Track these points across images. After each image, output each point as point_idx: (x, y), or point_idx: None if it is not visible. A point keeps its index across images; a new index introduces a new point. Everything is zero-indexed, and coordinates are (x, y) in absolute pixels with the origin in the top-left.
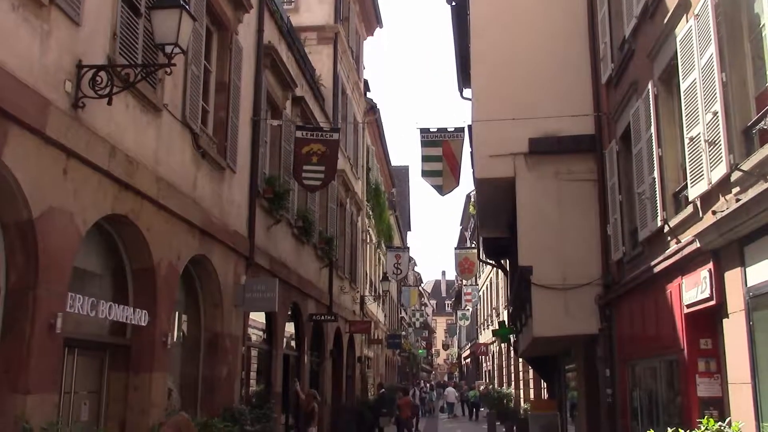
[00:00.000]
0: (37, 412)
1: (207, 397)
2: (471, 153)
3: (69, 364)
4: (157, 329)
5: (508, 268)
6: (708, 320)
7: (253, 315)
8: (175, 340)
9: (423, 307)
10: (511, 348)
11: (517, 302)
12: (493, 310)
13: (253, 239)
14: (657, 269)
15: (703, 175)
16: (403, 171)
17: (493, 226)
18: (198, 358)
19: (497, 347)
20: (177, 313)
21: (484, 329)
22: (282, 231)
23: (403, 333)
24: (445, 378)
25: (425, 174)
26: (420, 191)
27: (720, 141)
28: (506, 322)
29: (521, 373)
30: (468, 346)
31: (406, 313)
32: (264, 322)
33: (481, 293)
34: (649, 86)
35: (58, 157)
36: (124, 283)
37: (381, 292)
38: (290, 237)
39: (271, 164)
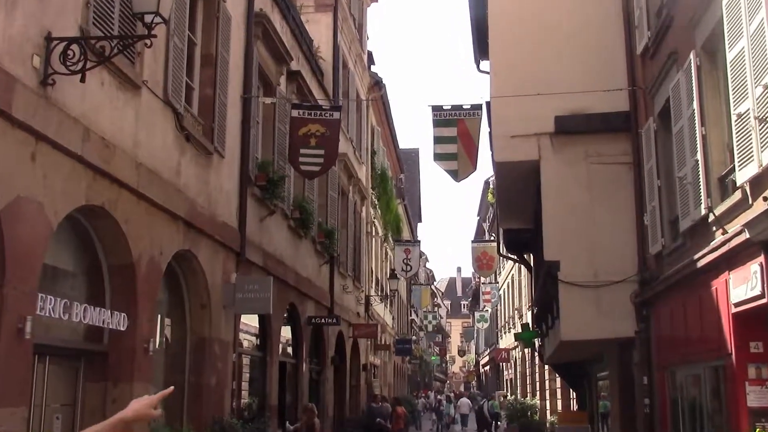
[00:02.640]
0: (4, 428)
1: (194, 408)
2: (490, 133)
3: (39, 373)
4: (138, 334)
5: (532, 264)
6: (759, 321)
7: (244, 318)
8: (157, 346)
9: (436, 309)
10: (536, 354)
11: (542, 302)
12: (516, 311)
13: (245, 232)
14: (700, 263)
15: (752, 156)
16: (413, 155)
17: (514, 216)
18: (184, 365)
19: (520, 353)
20: (159, 315)
21: (505, 333)
22: (277, 223)
23: (414, 338)
24: (461, 388)
25: (438, 157)
26: (432, 177)
27: None
28: (530, 325)
29: (547, 382)
30: (487, 352)
31: (417, 316)
32: (257, 325)
33: (501, 292)
34: (691, 56)
35: (26, 140)
36: (100, 283)
37: (388, 292)
38: (286, 230)
39: (264, 148)
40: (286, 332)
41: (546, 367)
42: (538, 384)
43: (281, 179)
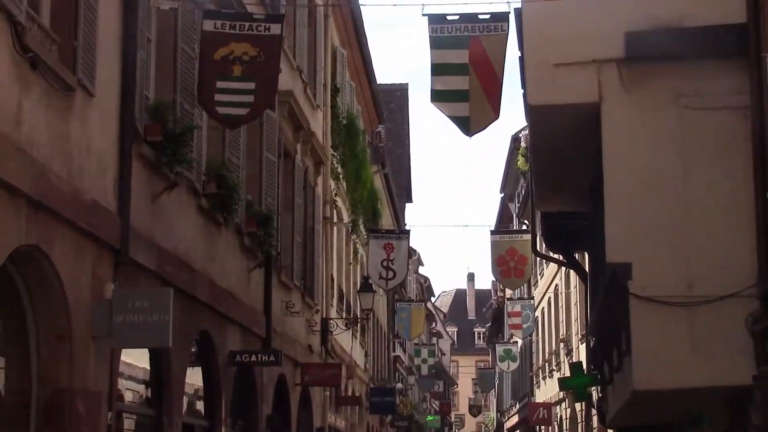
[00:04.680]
0: None
1: None
2: (521, 60)
3: None
4: None
5: (586, 268)
6: None
7: (127, 355)
8: None
9: (435, 340)
10: (594, 411)
11: (603, 329)
12: (561, 344)
13: (128, 218)
14: None
15: None
16: (399, 94)
17: (559, 194)
18: (26, 430)
19: (568, 410)
20: None
21: (544, 378)
22: (180, 203)
23: (400, 385)
24: None
25: (439, 97)
26: (429, 130)
27: None
28: (584, 366)
29: None
30: (516, 409)
31: (405, 351)
32: (147, 367)
33: (538, 314)
34: None
35: None
36: None
37: (359, 313)
38: (195, 213)
39: (159, 81)
40: (194, 377)
41: None
42: None
43: (187, 132)
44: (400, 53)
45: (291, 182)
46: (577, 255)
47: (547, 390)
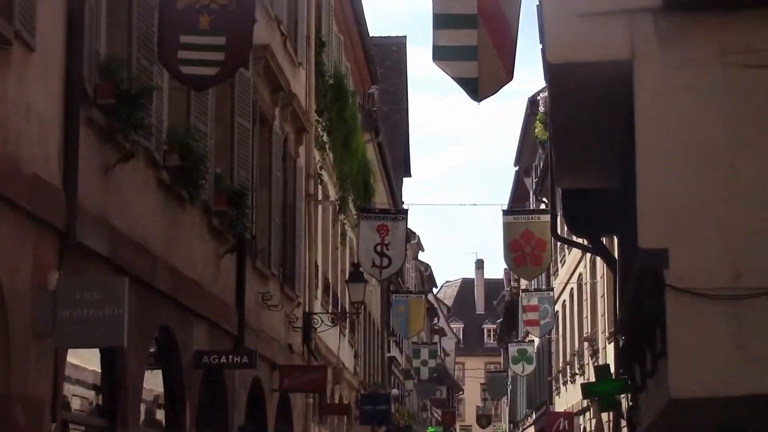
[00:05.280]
0: None
1: None
2: (539, 9)
3: None
4: None
5: (615, 254)
6: None
7: (74, 356)
8: None
9: (437, 338)
10: (622, 421)
11: (634, 325)
12: (585, 344)
13: (75, 194)
14: None
15: None
16: (395, 49)
17: (583, 166)
18: None
19: (593, 421)
20: None
21: (565, 384)
22: (137, 176)
23: (396, 391)
24: None
25: (443, 55)
26: (430, 92)
27: None
28: (611, 369)
29: None
30: (532, 419)
31: (402, 351)
32: (98, 370)
33: (558, 308)
34: None
35: None
36: None
37: (348, 306)
38: (154, 189)
39: (112, 34)
40: (154, 381)
41: None
42: None
43: (144, 94)
44: (397, 1)
45: (268, 153)
46: (604, 239)
47: (568, 397)
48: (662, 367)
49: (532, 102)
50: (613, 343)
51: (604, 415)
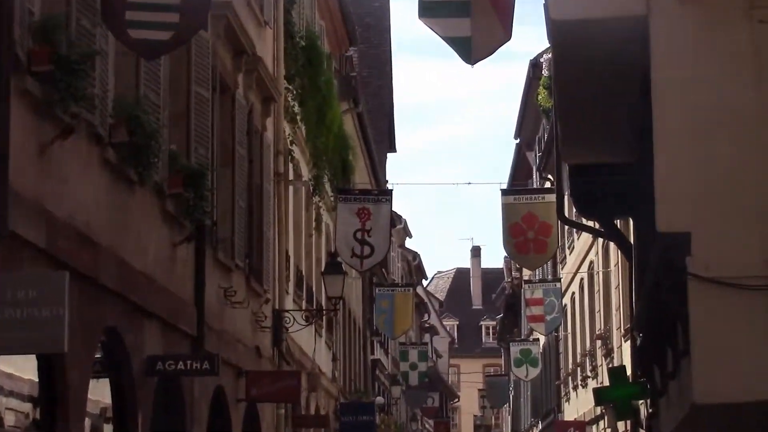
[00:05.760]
0: None
1: None
2: None
3: None
4: None
5: (632, 239)
6: None
7: (7, 363)
8: None
9: (428, 337)
10: (641, 430)
11: (653, 321)
12: (599, 344)
13: (6, 175)
14: None
15: None
16: (377, 5)
17: (593, 138)
18: None
19: (608, 430)
20: None
21: (575, 388)
22: (78, 154)
23: (381, 400)
24: None
25: (431, 11)
26: (417, 54)
27: None
28: (628, 371)
29: None
30: (538, 429)
31: (387, 353)
32: (35, 378)
33: (567, 301)
34: None
35: None
36: None
37: (324, 302)
38: (98, 169)
39: None
40: (100, 392)
41: None
42: None
43: (86, 60)
44: None
45: (230, 126)
46: (618, 222)
47: (579, 404)
48: (685, 368)
49: (535, 65)
50: (629, 342)
51: (620, 424)
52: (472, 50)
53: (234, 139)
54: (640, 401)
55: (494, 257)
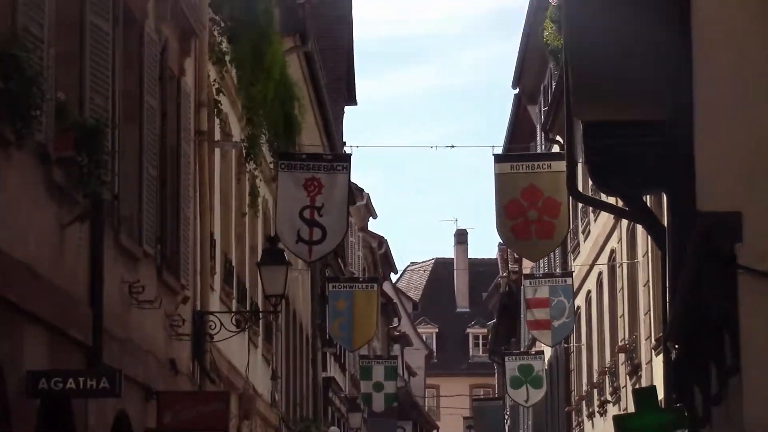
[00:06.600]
0: None
1: None
2: None
3: None
4: None
5: (665, 222)
6: None
7: None
8: None
9: (396, 348)
10: None
11: (693, 328)
12: (620, 356)
13: None
14: None
15: None
16: None
17: (615, 91)
18: None
19: None
20: None
21: (589, 415)
22: None
23: (335, 429)
24: None
25: None
26: None
27: None
28: (658, 394)
29: None
30: None
31: (345, 368)
32: None
33: (580, 302)
34: None
35: None
36: None
37: (261, 302)
38: None
39: None
40: None
41: None
42: None
43: None
44: None
45: (137, 69)
46: (649, 199)
47: None
48: (734, 390)
49: None
50: (661, 356)
51: None
52: None
53: (142, 86)
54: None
55: (485, 245)
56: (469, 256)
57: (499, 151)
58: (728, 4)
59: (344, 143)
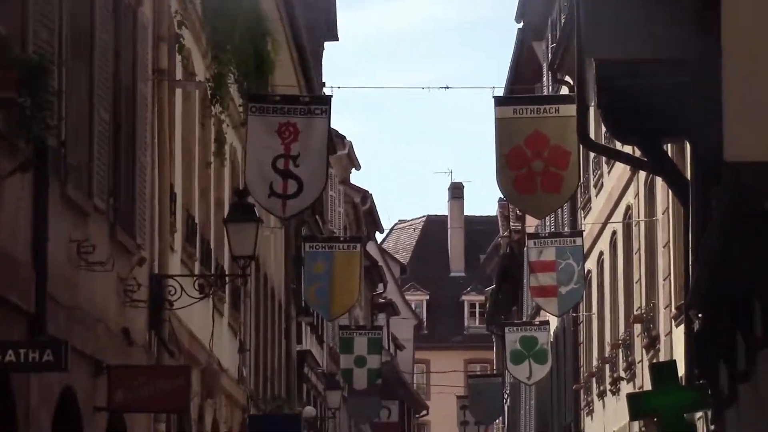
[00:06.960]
0: None
1: None
2: None
3: None
4: None
5: (688, 174)
6: None
7: None
8: None
9: (381, 318)
10: None
11: (718, 295)
12: (636, 326)
13: None
14: None
15: None
16: None
17: (632, 24)
18: None
19: None
20: None
21: (599, 394)
22: None
23: (310, 409)
24: None
25: None
26: None
27: None
28: (679, 370)
29: None
30: None
31: (321, 341)
32: None
33: (590, 265)
34: None
35: None
36: None
37: (227, 264)
38: None
39: None
40: None
41: None
42: None
43: None
44: None
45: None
46: (670, 148)
47: (606, 419)
48: (764, 365)
49: None
50: (682, 326)
51: None
52: None
53: (92, 18)
54: (698, 413)
55: (484, 200)
56: (465, 213)
57: (500, 93)
58: None
59: (323, 84)
